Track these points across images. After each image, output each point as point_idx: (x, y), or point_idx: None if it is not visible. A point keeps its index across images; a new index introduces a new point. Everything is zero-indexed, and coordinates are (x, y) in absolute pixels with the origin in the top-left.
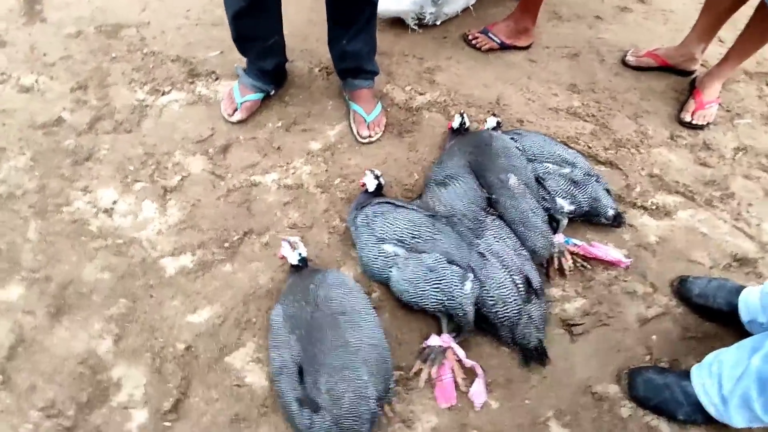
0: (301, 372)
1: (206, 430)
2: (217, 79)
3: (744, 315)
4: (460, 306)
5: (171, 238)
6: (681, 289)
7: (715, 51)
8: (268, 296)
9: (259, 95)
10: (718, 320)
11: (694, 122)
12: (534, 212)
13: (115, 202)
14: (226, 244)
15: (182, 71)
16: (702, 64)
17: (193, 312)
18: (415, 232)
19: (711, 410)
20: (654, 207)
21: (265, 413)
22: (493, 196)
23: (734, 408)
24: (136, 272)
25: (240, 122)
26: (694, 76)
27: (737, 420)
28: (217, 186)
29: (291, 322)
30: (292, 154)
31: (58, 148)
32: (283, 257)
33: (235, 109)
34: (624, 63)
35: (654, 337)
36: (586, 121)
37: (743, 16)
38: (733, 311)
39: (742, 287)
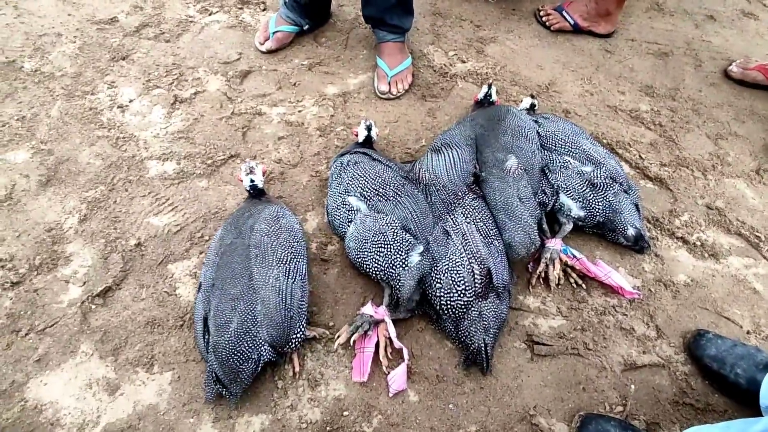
0: None
1: (122, 324)
2: (264, 9)
3: (764, 398)
4: (398, 277)
5: (164, 144)
6: (694, 345)
7: None
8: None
9: (293, 28)
10: (731, 395)
11: None
12: (522, 202)
13: (131, 101)
14: (210, 161)
15: None
16: None
17: (156, 215)
18: (381, 190)
19: None
20: (698, 243)
21: (180, 326)
22: (483, 174)
23: None
24: (123, 166)
25: (269, 52)
26: None
27: None
28: (225, 107)
29: (220, 243)
30: (306, 93)
31: (104, 43)
32: (241, 180)
33: (267, 38)
34: (726, 74)
35: (634, 387)
36: (649, 128)
37: None
38: (753, 390)
39: None
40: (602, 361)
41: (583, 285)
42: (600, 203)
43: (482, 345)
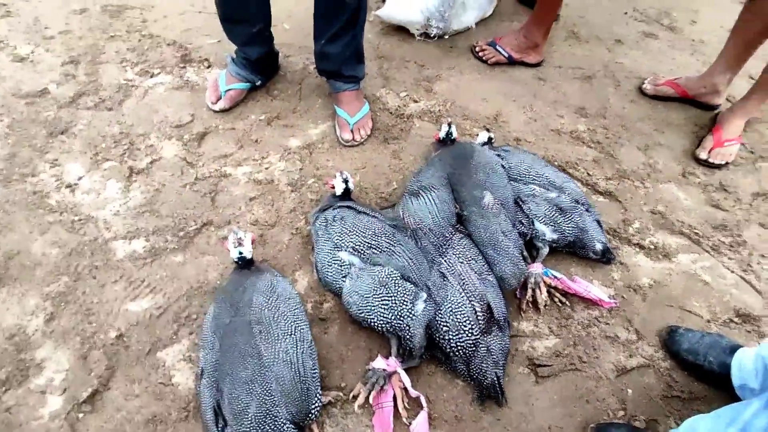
0: None
1: (118, 428)
2: (209, 67)
3: (736, 378)
4: (407, 327)
5: (128, 220)
6: (669, 341)
7: (744, 86)
8: (213, 293)
9: (245, 85)
10: (708, 381)
11: (710, 160)
12: (506, 235)
13: (80, 178)
14: (182, 233)
15: (176, 56)
16: (728, 99)
17: (134, 300)
18: (373, 242)
19: None
20: (652, 246)
21: (185, 418)
22: (464, 213)
23: None
24: (85, 251)
25: (222, 111)
26: (717, 111)
27: None
28: (186, 173)
29: (216, 322)
30: (269, 149)
31: (37, 118)
32: (229, 250)
33: (219, 97)
34: (641, 91)
35: (630, 390)
36: (590, 147)
37: None
38: (725, 373)
39: (738, 346)
40: (597, 371)
41: (567, 302)
42: (569, 225)
43: (495, 379)
